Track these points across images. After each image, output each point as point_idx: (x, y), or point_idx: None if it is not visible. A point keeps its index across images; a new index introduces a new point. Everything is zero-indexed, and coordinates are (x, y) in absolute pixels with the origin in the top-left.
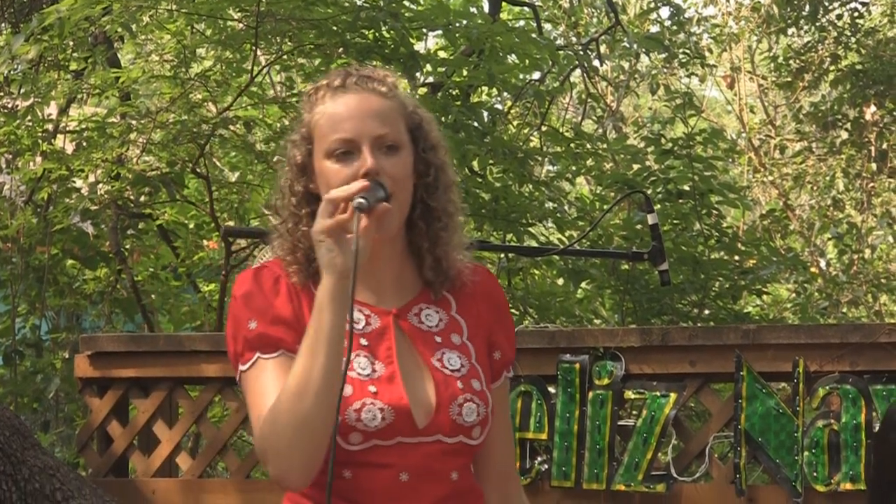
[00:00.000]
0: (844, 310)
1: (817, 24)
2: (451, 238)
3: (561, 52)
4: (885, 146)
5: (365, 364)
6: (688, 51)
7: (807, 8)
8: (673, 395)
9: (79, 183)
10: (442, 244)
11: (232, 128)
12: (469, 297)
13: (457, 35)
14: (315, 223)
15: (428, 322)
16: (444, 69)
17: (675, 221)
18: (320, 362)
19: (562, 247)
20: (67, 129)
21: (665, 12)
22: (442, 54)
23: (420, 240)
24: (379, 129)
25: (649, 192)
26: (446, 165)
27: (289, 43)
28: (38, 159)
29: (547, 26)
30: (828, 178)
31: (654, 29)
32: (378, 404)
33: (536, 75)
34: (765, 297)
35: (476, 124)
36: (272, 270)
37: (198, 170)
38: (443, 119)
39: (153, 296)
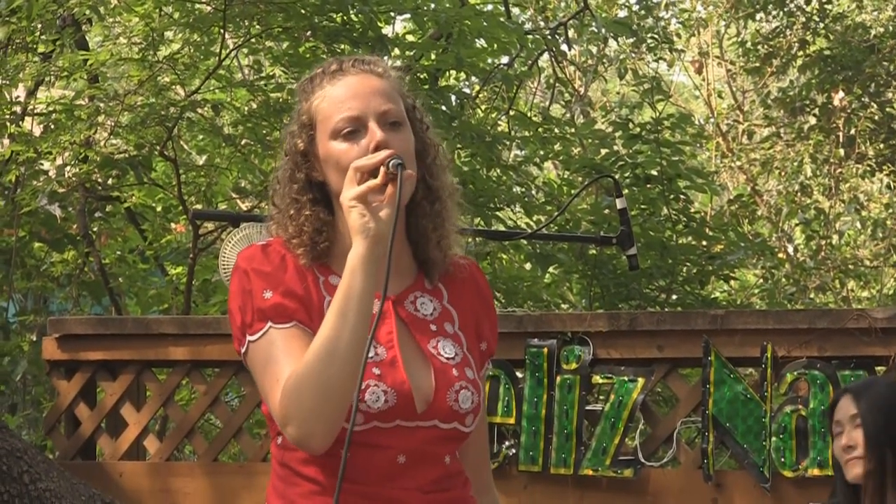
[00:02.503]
0: (812, 295)
1: (785, 9)
2: (451, 219)
3: (529, 37)
4: (852, 132)
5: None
6: (656, 35)
7: None
8: (641, 380)
9: (46, 165)
10: (445, 224)
11: (200, 111)
12: (459, 288)
13: (425, 19)
14: (344, 191)
15: (423, 310)
16: (412, 53)
17: (643, 206)
18: (350, 325)
19: (530, 231)
20: (35, 111)
21: None
22: (410, 38)
23: (424, 220)
24: (383, 105)
25: (617, 176)
26: (442, 148)
27: (257, 26)
28: (6, 142)
29: (515, 10)
30: (795, 164)
31: (623, 13)
32: (382, 386)
33: (505, 59)
34: (732, 282)
35: (444, 108)
36: (276, 248)
37: (166, 153)
38: None
39: (121, 279)
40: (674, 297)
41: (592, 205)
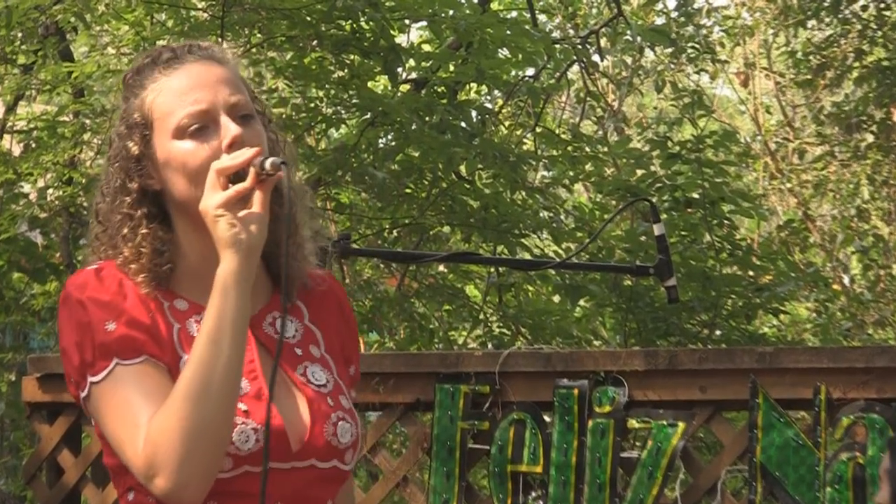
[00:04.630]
0: (870, 331)
1: (840, 15)
2: (303, 221)
3: (557, 46)
4: None
5: None
6: (697, 45)
7: None
8: (681, 425)
9: (27, 188)
10: (299, 231)
11: None
12: (320, 304)
13: (443, 27)
14: (206, 198)
15: (285, 332)
16: (428, 64)
17: (683, 233)
18: (224, 355)
19: (558, 260)
20: (15, 128)
21: (672, 2)
22: (426, 48)
23: (275, 227)
24: (232, 95)
25: (655, 199)
26: (288, 143)
27: (258, 35)
28: None
29: (542, 17)
30: (851, 186)
31: (660, 21)
32: (251, 424)
33: (530, 71)
34: (782, 316)
35: (464, 125)
36: (111, 273)
37: None
38: (427, 119)
39: None
40: (717, 332)
41: (627, 231)
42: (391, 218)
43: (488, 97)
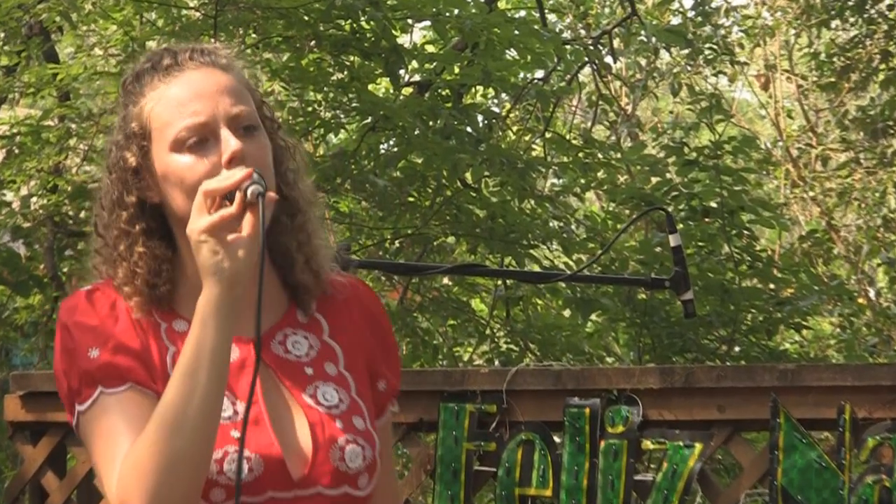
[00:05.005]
0: None
1: (865, 15)
2: (318, 233)
3: (568, 47)
4: None
5: (225, 405)
6: (715, 46)
7: None
8: (698, 446)
9: (9, 196)
10: (311, 240)
11: None
12: (344, 317)
13: (447, 26)
14: (192, 221)
15: (296, 350)
16: (432, 66)
17: (700, 244)
18: (201, 387)
19: (569, 272)
20: None
21: (688, 1)
22: (430, 49)
23: (286, 238)
24: (234, 106)
25: (670, 209)
26: (298, 149)
27: (253, 35)
28: None
29: (552, 17)
30: (877, 194)
31: (676, 20)
32: (244, 452)
33: (539, 73)
34: (805, 332)
35: (469, 130)
36: (106, 294)
37: None
38: (431, 123)
39: None
40: (737, 348)
41: (642, 242)
42: (393, 228)
43: (495, 101)
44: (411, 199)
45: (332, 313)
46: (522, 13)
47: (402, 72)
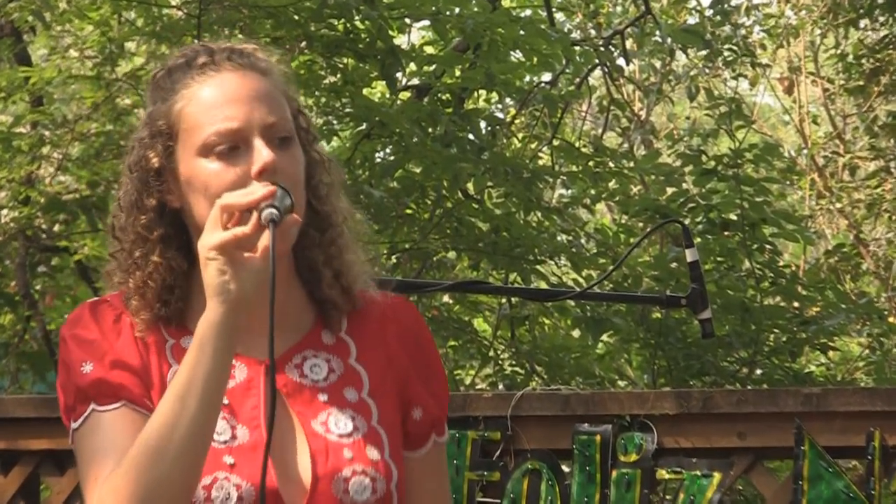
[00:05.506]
0: None
1: None
2: (351, 248)
3: (577, 48)
4: None
5: (223, 427)
6: (735, 46)
7: None
8: (717, 475)
9: None
10: (342, 255)
11: None
12: (376, 338)
13: (447, 26)
14: (204, 235)
15: (313, 374)
16: (431, 68)
17: (719, 259)
18: (190, 412)
19: (578, 290)
20: None
21: None
22: (429, 50)
23: (313, 253)
24: (269, 115)
25: (687, 221)
26: (333, 162)
27: (239, 35)
28: None
29: (560, 16)
30: None
31: (693, 20)
32: (234, 480)
33: (547, 77)
34: (831, 353)
35: (472, 137)
36: (113, 306)
37: None
38: (430, 130)
39: None
40: (758, 371)
41: (656, 257)
42: (389, 242)
43: (499, 106)
44: (409, 211)
45: (363, 334)
46: (528, 12)
47: (399, 75)
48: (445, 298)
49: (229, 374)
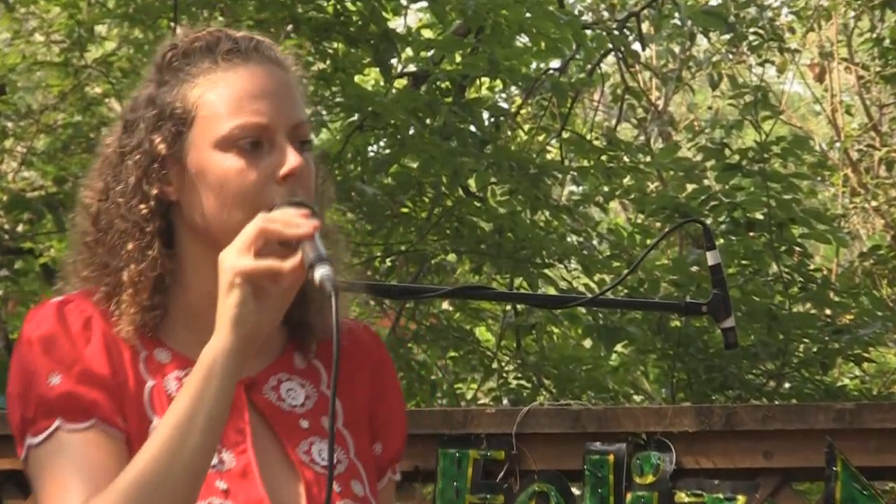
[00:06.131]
0: None
1: None
2: (338, 268)
3: (589, 32)
4: None
5: None
6: (761, 30)
7: None
8: (741, 498)
9: None
10: None
11: None
12: (347, 367)
13: (447, 8)
14: (232, 256)
15: (291, 399)
16: (429, 54)
17: (743, 262)
18: (191, 447)
19: (590, 296)
20: None
21: None
22: (427, 34)
23: None
24: (297, 114)
25: (709, 221)
26: (326, 179)
27: (220, 18)
28: None
29: None
30: None
31: (716, 1)
32: None
33: (555, 63)
34: (866, 365)
35: (473, 129)
36: (81, 308)
37: None
38: (428, 122)
39: None
40: (786, 385)
41: (675, 260)
42: (384, 244)
43: (503, 95)
44: (405, 210)
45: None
46: None
47: (394, 61)
48: (445, 305)
49: (229, 405)
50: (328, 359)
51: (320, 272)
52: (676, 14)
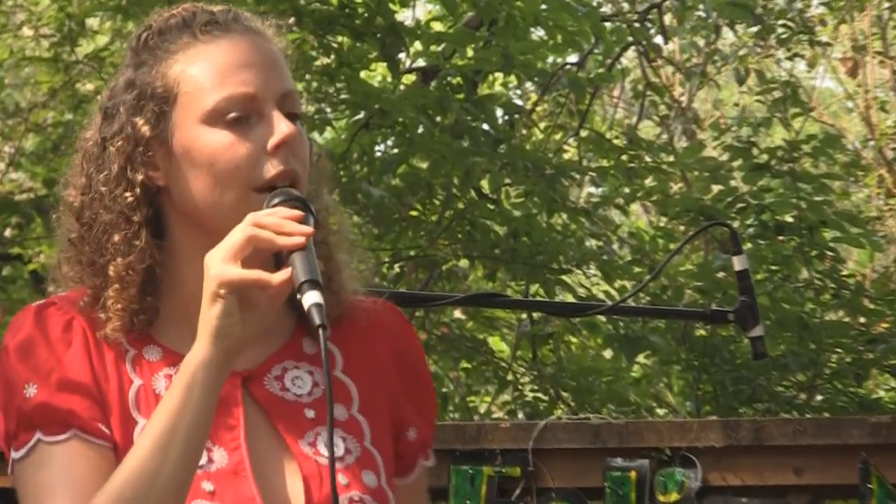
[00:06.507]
0: None
1: None
2: (340, 246)
3: (608, 25)
4: None
5: None
6: (790, 22)
7: None
8: None
9: None
10: (331, 255)
11: None
12: (364, 349)
13: (458, 0)
14: (217, 262)
15: (296, 388)
16: (440, 48)
17: (772, 267)
18: (173, 461)
19: (610, 303)
20: None
21: None
22: (437, 27)
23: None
24: (285, 83)
25: (736, 224)
26: (322, 155)
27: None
28: None
29: None
30: None
31: None
32: None
33: (573, 58)
34: None
35: (486, 127)
36: (63, 310)
37: None
38: (438, 120)
39: None
40: (818, 397)
41: (700, 265)
42: (392, 248)
43: (518, 91)
44: (414, 213)
45: (350, 344)
46: None
47: (402, 56)
48: (457, 313)
49: (210, 416)
50: (344, 339)
51: (309, 299)
52: (701, 5)
